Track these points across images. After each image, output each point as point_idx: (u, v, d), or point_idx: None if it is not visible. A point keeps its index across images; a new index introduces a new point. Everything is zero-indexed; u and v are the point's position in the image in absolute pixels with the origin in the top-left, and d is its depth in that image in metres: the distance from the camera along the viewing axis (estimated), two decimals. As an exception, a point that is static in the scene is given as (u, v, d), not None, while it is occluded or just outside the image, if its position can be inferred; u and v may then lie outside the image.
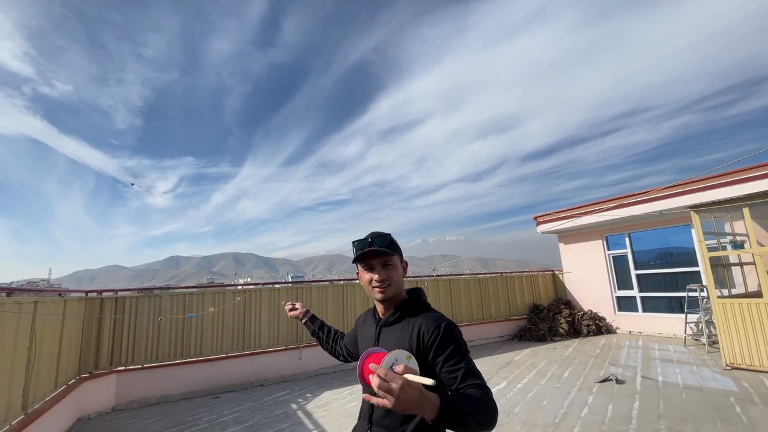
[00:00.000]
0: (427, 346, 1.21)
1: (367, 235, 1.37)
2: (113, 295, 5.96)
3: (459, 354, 1.17)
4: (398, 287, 1.37)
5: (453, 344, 1.18)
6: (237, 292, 6.98)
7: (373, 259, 1.35)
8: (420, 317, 1.29)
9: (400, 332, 1.30)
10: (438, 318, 1.27)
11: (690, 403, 4.56)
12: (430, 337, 1.21)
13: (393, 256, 1.36)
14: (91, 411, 5.34)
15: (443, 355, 1.17)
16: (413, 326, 1.27)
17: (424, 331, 1.23)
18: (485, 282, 10.12)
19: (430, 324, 1.24)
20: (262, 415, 5.01)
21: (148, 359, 5.97)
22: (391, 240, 1.38)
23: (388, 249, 1.34)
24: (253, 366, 6.69)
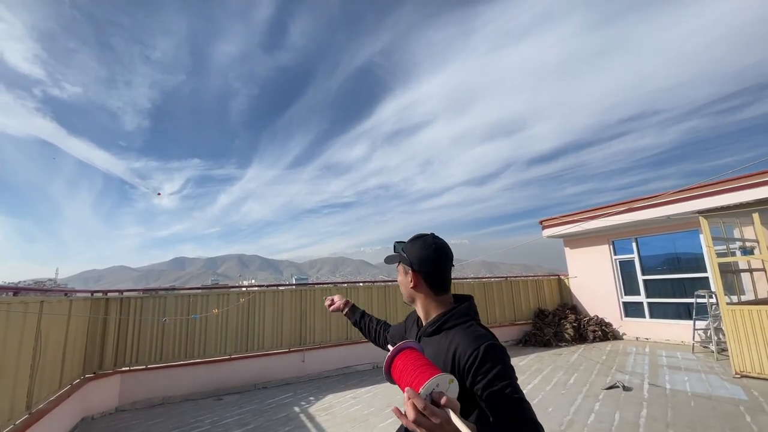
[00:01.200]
0: (464, 370, 1.06)
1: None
2: (118, 296, 5.99)
3: (502, 381, 1.01)
4: (405, 294, 1.33)
5: (494, 370, 1.03)
6: (241, 294, 6.99)
7: (394, 263, 1.39)
8: (458, 333, 1.14)
9: (437, 347, 1.17)
10: (478, 337, 1.09)
11: (698, 412, 4.48)
12: (467, 361, 1.05)
13: (398, 264, 1.35)
14: (95, 411, 5.36)
15: (483, 382, 1.02)
16: (450, 343, 1.14)
17: (461, 353, 1.08)
18: (489, 286, 10.05)
19: (468, 345, 1.08)
20: (265, 418, 4.99)
21: (152, 360, 5.99)
22: (399, 247, 1.35)
23: (394, 255, 1.36)
24: (256, 368, 6.68)
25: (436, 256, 1.25)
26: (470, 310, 1.23)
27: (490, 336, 1.11)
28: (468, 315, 1.21)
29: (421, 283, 1.26)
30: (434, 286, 1.25)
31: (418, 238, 1.32)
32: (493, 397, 1.00)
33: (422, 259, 1.25)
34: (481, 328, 1.16)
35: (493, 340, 1.09)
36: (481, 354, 1.04)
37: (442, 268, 1.25)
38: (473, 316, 1.22)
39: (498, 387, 1.01)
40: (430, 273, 1.24)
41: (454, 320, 1.19)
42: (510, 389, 1.01)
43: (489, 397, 1.01)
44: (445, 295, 1.26)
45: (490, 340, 1.07)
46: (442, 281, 1.25)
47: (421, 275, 1.25)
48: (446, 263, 1.27)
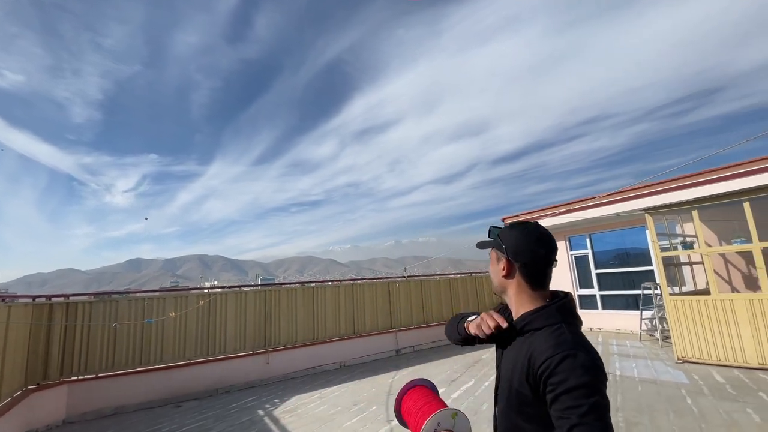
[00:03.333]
0: (537, 377, 0.93)
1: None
2: (64, 301, 5.59)
3: (576, 397, 0.85)
4: (493, 283, 1.20)
5: (565, 384, 0.87)
6: (201, 296, 6.72)
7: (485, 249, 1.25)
8: (540, 335, 1.00)
9: (518, 350, 1.04)
10: (559, 344, 0.93)
11: (645, 396, 4.81)
12: (539, 367, 0.92)
13: (491, 249, 1.21)
14: (40, 424, 4.99)
15: (551, 395, 0.89)
16: (529, 345, 1.00)
17: (536, 359, 0.95)
18: (455, 282, 10.29)
19: (546, 349, 0.94)
20: (227, 423, 4.84)
21: (103, 368, 5.64)
22: (495, 233, 1.21)
23: (487, 240, 1.23)
24: (219, 372, 6.46)
25: (536, 246, 1.10)
26: (561, 310, 1.04)
27: (575, 344, 0.93)
28: (557, 316, 1.02)
29: (514, 272, 1.11)
30: (530, 279, 1.10)
31: (519, 224, 1.17)
32: (557, 416, 0.87)
33: (519, 248, 1.11)
34: (570, 333, 0.97)
35: (578, 349, 0.91)
36: (555, 363, 0.90)
37: (541, 259, 1.10)
38: (565, 317, 1.03)
39: (564, 405, 0.86)
40: (527, 264, 1.10)
41: (540, 321, 1.03)
42: (580, 408, 0.83)
43: (554, 414, 0.88)
44: (541, 290, 1.11)
45: (572, 349, 0.91)
46: (540, 275, 1.10)
47: (516, 265, 1.11)
48: (548, 255, 1.10)
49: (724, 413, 4.15)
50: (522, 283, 1.10)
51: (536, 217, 10.07)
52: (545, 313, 1.04)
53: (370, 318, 8.56)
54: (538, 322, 1.03)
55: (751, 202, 5.77)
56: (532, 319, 1.04)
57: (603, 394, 0.87)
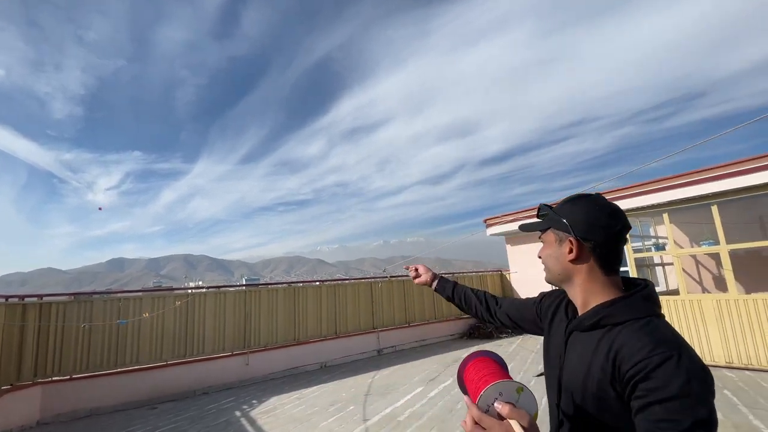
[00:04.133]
0: (624, 378, 0.75)
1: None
2: (37, 301, 5.51)
3: (676, 411, 0.67)
4: (551, 271, 0.97)
5: (672, 389, 0.68)
6: (178, 296, 6.68)
7: (534, 231, 1.05)
8: (629, 332, 0.79)
9: (596, 346, 0.83)
10: (658, 342, 0.74)
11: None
12: (631, 368, 0.74)
13: (545, 231, 0.99)
14: (14, 425, 4.91)
15: (645, 400, 0.71)
16: (613, 343, 0.80)
17: (625, 356, 0.76)
18: (437, 283, 10.39)
19: (640, 349, 0.74)
20: (203, 425, 4.83)
21: (78, 369, 5.57)
22: (549, 208, 1.00)
23: (539, 220, 1.02)
24: (196, 373, 6.43)
25: (610, 220, 0.88)
26: (649, 299, 0.85)
27: (677, 343, 0.74)
28: (645, 308, 0.83)
29: (586, 255, 0.89)
30: (604, 262, 0.89)
31: (584, 196, 0.96)
32: (644, 427, 0.71)
33: (591, 224, 0.89)
34: (666, 330, 0.78)
35: (681, 350, 0.72)
36: (652, 365, 0.71)
37: (616, 236, 0.88)
38: (654, 309, 0.84)
39: (658, 417, 0.69)
40: (602, 243, 0.88)
41: (624, 313, 0.82)
42: (677, 428, 0.66)
43: (641, 425, 0.71)
44: (615, 276, 0.90)
45: (676, 350, 0.72)
46: (616, 256, 0.90)
47: (588, 245, 0.89)
48: (622, 232, 0.89)
49: (687, 410, 4.31)
50: (594, 267, 0.89)
51: (516, 219, 10.23)
52: (629, 303, 0.84)
53: (352, 318, 8.60)
54: (619, 314, 0.83)
55: (718, 205, 5.98)
56: (611, 311, 0.84)
57: (711, 408, 0.69)
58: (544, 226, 0.99)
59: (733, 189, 5.90)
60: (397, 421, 4.50)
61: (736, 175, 5.88)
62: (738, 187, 5.86)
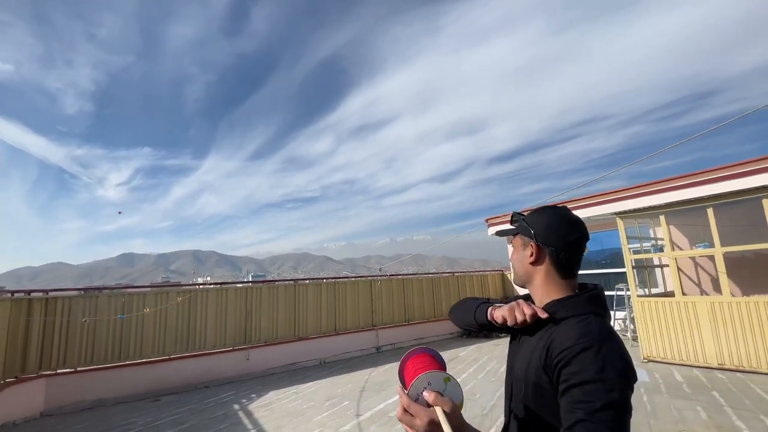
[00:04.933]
0: (553, 366, 0.84)
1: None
2: (43, 296, 5.68)
3: (590, 393, 0.75)
4: (516, 272, 1.09)
5: (589, 374, 0.77)
6: (180, 292, 6.84)
7: (507, 236, 1.14)
8: (564, 325, 0.90)
9: (537, 340, 0.94)
10: (584, 334, 0.83)
11: (604, 393, 5.02)
12: (558, 354, 0.83)
13: (515, 236, 1.10)
14: (18, 416, 5.09)
15: (565, 384, 0.80)
16: (552, 334, 0.90)
17: (556, 345, 0.86)
18: (438, 281, 10.47)
19: (567, 339, 0.84)
20: (202, 417, 4.98)
21: (82, 362, 5.75)
22: (520, 216, 1.10)
23: (510, 226, 1.12)
24: (198, 367, 6.59)
25: (569, 230, 1.00)
26: (592, 300, 0.94)
27: (601, 336, 0.83)
28: (586, 307, 0.92)
29: (543, 258, 1.01)
30: (560, 266, 0.99)
31: (549, 208, 1.07)
32: (565, 409, 0.79)
33: (551, 231, 1.01)
34: (597, 326, 0.86)
35: (603, 341, 0.81)
36: (573, 353, 0.81)
37: (573, 245, 0.99)
38: (595, 308, 0.92)
39: (574, 399, 0.77)
40: (559, 249, 0.98)
41: (567, 311, 0.92)
42: (588, 408, 0.74)
43: (562, 407, 0.80)
44: (571, 279, 1.00)
45: (596, 341, 0.81)
46: (570, 262, 0.99)
47: (546, 249, 1.00)
48: (579, 241, 1.00)
49: (675, 410, 4.36)
50: (551, 270, 1.00)
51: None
52: (573, 302, 0.93)
53: (351, 316, 8.72)
54: (563, 311, 0.92)
55: (714, 208, 5.99)
56: (558, 308, 0.94)
57: (624, 394, 0.76)
58: (514, 231, 1.10)
59: (728, 192, 5.91)
60: (388, 417, 4.61)
61: (732, 178, 5.90)
62: (734, 189, 5.87)
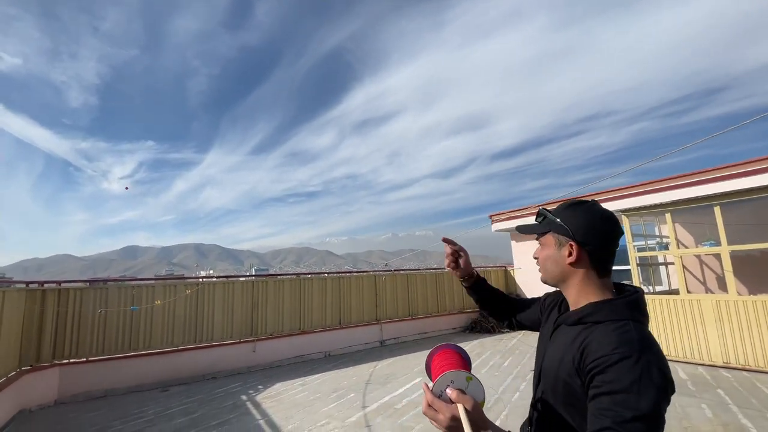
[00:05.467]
0: (587, 371, 0.84)
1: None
2: (56, 287, 5.79)
3: (622, 403, 0.75)
4: (549, 272, 1.05)
5: (623, 384, 0.76)
6: (188, 285, 6.94)
7: (532, 234, 1.13)
8: (601, 329, 0.88)
9: (573, 338, 0.93)
10: (623, 342, 0.82)
11: (607, 389, 5.08)
12: (593, 360, 0.82)
13: (544, 234, 1.07)
14: (33, 404, 5.22)
15: (596, 390, 0.80)
16: (587, 337, 0.89)
17: (591, 350, 0.85)
18: (441, 277, 10.53)
19: (604, 345, 0.83)
20: (211, 407, 5.08)
21: (94, 352, 5.87)
22: (550, 212, 1.06)
23: (538, 223, 1.09)
24: (206, 359, 6.70)
25: (607, 227, 0.98)
26: (631, 306, 0.91)
27: (641, 346, 0.81)
28: (625, 312, 0.90)
29: (584, 259, 0.97)
30: (599, 265, 0.98)
31: (581, 203, 1.03)
32: (592, 414, 0.79)
33: (590, 229, 0.97)
34: (637, 333, 0.84)
35: (643, 352, 0.79)
36: (610, 362, 0.79)
37: (612, 242, 0.98)
38: (634, 315, 0.90)
39: (603, 406, 0.77)
40: (598, 248, 0.97)
41: (604, 314, 0.91)
42: (616, 418, 0.73)
43: (589, 412, 0.80)
44: (607, 278, 0.99)
45: (636, 352, 0.79)
46: (609, 260, 0.99)
47: (586, 249, 0.97)
48: (617, 237, 0.99)
49: (679, 408, 4.40)
50: (590, 270, 0.97)
51: (521, 216, 10.29)
52: (612, 306, 0.91)
53: (356, 310, 8.80)
54: (601, 315, 0.91)
55: (721, 206, 5.99)
56: (594, 310, 0.93)
57: (657, 407, 0.74)
58: (544, 229, 1.06)
59: (736, 190, 5.90)
60: (394, 409, 4.69)
61: (739, 177, 5.87)
62: (741, 188, 5.86)
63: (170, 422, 4.59)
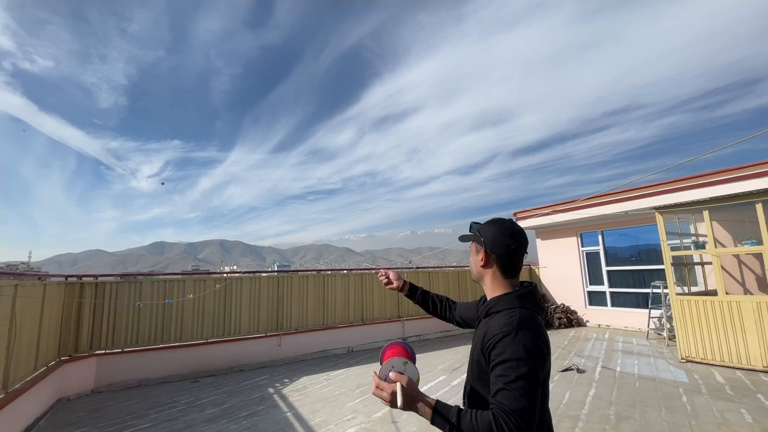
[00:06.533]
0: (486, 349, 1.15)
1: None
2: (93, 281, 6.03)
3: (507, 368, 1.05)
4: (473, 271, 1.40)
5: (507, 354, 1.07)
6: (218, 280, 7.11)
7: (467, 242, 1.46)
8: (498, 315, 1.20)
9: (482, 328, 1.25)
10: (509, 323, 1.13)
11: (641, 392, 4.91)
12: (490, 340, 1.14)
13: (471, 243, 1.42)
14: (71, 392, 5.47)
15: (493, 363, 1.10)
16: (488, 324, 1.21)
17: (488, 334, 1.16)
18: (464, 274, 10.43)
19: (498, 326, 1.15)
20: (239, 398, 5.20)
21: (128, 343, 6.10)
22: (476, 226, 1.40)
23: (469, 234, 1.43)
24: (233, 352, 6.86)
25: (510, 240, 1.29)
26: (521, 297, 1.23)
27: (519, 324, 1.12)
28: (516, 302, 1.22)
29: (491, 263, 1.30)
30: (503, 268, 1.29)
31: (496, 221, 1.36)
32: (492, 382, 1.09)
33: (496, 242, 1.29)
34: (519, 317, 1.15)
35: (520, 328, 1.10)
36: (498, 339, 1.10)
37: (514, 252, 1.29)
38: (523, 303, 1.22)
39: (497, 374, 1.07)
40: (502, 255, 1.28)
41: (502, 305, 1.23)
42: (508, 378, 1.03)
43: (491, 379, 1.09)
44: (512, 279, 1.30)
45: (514, 329, 1.10)
46: (512, 265, 1.29)
47: (492, 255, 1.30)
48: (519, 249, 1.30)
49: (717, 412, 4.22)
50: (497, 272, 1.30)
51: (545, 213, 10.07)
52: (507, 298, 1.24)
53: (378, 306, 8.83)
54: (499, 305, 1.23)
55: (764, 203, 5.69)
56: (496, 303, 1.25)
57: (532, 369, 1.05)
58: (470, 239, 1.42)
59: (781, 186, 5.59)
60: (420, 406, 4.67)
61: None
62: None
63: (201, 412, 4.72)
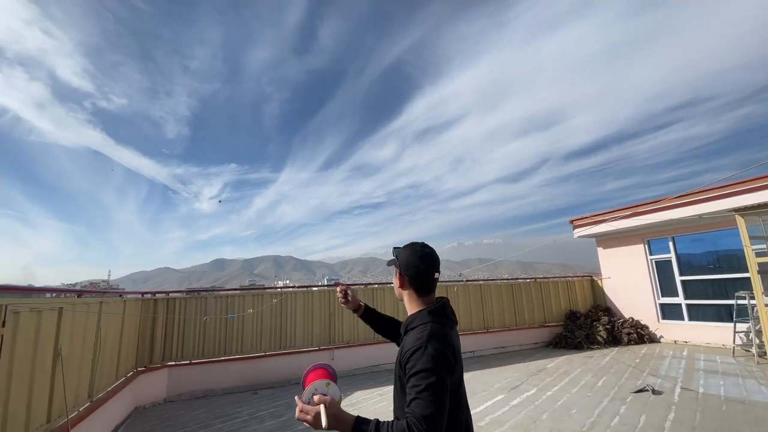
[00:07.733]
0: (403, 363, 1.25)
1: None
2: (165, 297, 6.55)
3: (418, 379, 1.16)
4: (396, 293, 1.55)
5: (418, 366, 1.18)
6: (273, 295, 7.41)
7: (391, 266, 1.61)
8: (413, 331, 1.33)
9: (402, 343, 1.37)
10: (420, 337, 1.26)
11: (728, 416, 4.36)
12: (404, 354, 1.26)
13: (392, 265, 1.57)
14: (147, 401, 5.91)
15: (407, 376, 1.21)
16: (405, 339, 1.34)
17: (405, 347, 1.28)
18: (518, 287, 9.99)
19: (411, 341, 1.27)
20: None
21: (196, 355, 6.51)
22: (396, 251, 1.55)
23: (391, 259, 1.57)
24: (290, 364, 7.07)
25: (420, 262, 1.44)
26: (432, 312, 1.37)
27: (428, 339, 1.23)
28: (427, 317, 1.35)
29: (405, 283, 1.46)
30: (416, 288, 1.44)
31: (410, 245, 1.52)
32: (408, 394, 1.18)
33: (408, 264, 1.45)
34: (429, 331, 1.27)
35: (428, 342, 1.22)
36: (410, 353, 1.22)
37: (424, 273, 1.44)
38: (434, 318, 1.35)
39: (410, 384, 1.18)
40: (413, 277, 1.44)
41: (416, 322, 1.37)
42: (419, 387, 1.14)
43: (408, 388, 1.19)
44: (426, 296, 1.45)
45: (423, 343, 1.22)
46: (424, 285, 1.44)
47: (406, 277, 1.46)
48: (429, 269, 1.44)
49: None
50: (411, 291, 1.46)
51: (605, 220, 9.43)
52: (421, 315, 1.38)
53: (430, 320, 8.68)
54: (415, 322, 1.37)
55: None
56: (411, 320, 1.40)
57: (440, 378, 1.16)
58: (391, 263, 1.57)
59: None
60: (477, 427, 4.49)
61: None
62: None
63: (261, 424, 4.88)
